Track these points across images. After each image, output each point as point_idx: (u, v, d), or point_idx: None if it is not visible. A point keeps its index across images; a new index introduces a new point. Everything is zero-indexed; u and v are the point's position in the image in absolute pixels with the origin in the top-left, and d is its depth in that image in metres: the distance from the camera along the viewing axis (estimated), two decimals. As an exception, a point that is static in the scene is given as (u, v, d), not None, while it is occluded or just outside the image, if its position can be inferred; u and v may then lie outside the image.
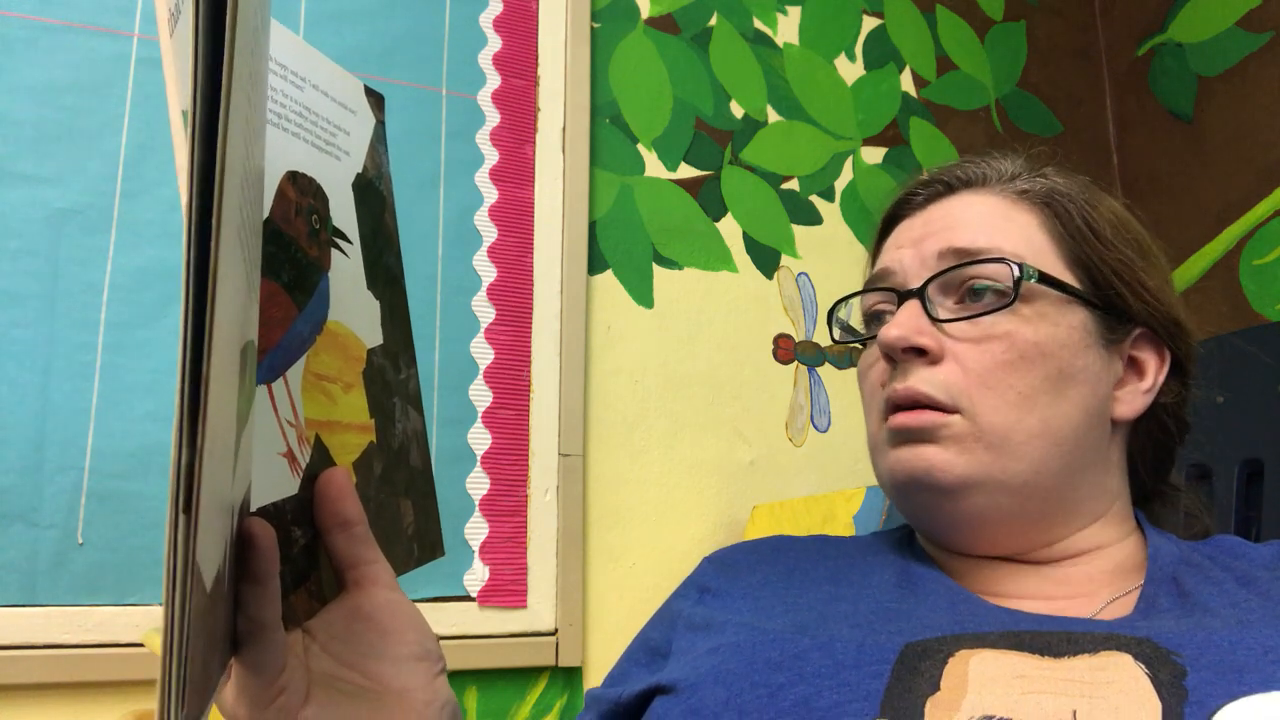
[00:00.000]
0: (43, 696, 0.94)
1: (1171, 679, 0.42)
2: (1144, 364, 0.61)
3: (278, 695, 0.41)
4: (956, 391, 0.56)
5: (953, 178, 0.65)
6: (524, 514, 1.18)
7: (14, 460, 0.96)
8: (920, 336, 0.57)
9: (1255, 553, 0.56)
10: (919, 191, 0.66)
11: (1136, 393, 0.61)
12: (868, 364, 0.63)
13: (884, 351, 0.59)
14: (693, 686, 0.51)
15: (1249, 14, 1.56)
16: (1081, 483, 0.58)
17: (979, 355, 0.56)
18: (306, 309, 0.45)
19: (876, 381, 0.61)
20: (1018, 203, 0.61)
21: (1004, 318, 0.57)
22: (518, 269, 1.24)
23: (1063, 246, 0.60)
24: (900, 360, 0.58)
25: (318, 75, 0.48)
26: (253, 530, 0.38)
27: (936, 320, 0.58)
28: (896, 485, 0.59)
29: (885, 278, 0.63)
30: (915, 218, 0.65)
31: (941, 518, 0.58)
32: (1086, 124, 1.78)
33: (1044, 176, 0.63)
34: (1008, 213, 0.61)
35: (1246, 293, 1.50)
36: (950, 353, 0.57)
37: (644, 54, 1.40)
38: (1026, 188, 0.62)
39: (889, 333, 0.57)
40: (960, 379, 0.56)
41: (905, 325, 0.57)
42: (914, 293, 0.59)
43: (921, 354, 0.57)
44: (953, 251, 0.59)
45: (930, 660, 0.46)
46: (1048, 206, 0.61)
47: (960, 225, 0.60)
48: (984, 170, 0.64)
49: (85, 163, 1.04)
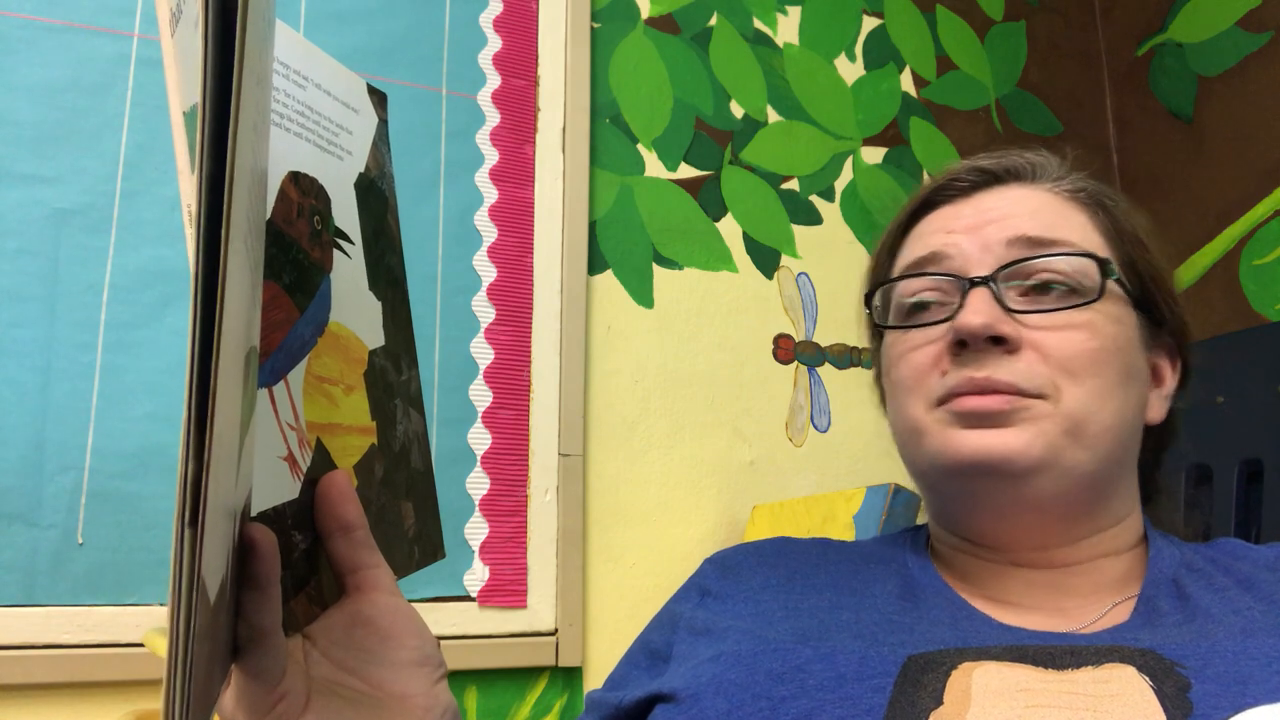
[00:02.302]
0: (43, 696, 0.94)
1: (1176, 691, 0.42)
2: (1163, 370, 0.62)
3: (277, 702, 0.41)
4: (1041, 380, 0.54)
5: (1000, 169, 0.63)
6: (524, 514, 1.18)
7: (14, 460, 0.95)
8: (1003, 324, 0.55)
9: (1257, 554, 0.56)
10: (963, 178, 0.64)
11: (1160, 398, 0.61)
12: (910, 346, 0.60)
13: (960, 338, 0.55)
14: (694, 696, 0.51)
15: (1249, 14, 1.55)
16: (1121, 480, 0.58)
17: (1060, 343, 0.55)
18: (308, 311, 0.44)
19: (929, 365, 0.58)
20: (1070, 201, 0.61)
21: (1082, 311, 0.56)
22: (518, 269, 1.24)
23: (1115, 248, 0.60)
24: (976, 349, 0.55)
25: (320, 74, 0.48)
26: (254, 536, 0.38)
27: (1010, 310, 0.56)
28: (959, 466, 0.55)
29: (936, 261, 0.60)
30: (961, 204, 0.62)
31: (996, 502, 0.56)
32: (1086, 124, 1.77)
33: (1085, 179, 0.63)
34: (1063, 209, 0.60)
35: (1246, 293, 1.49)
36: (1028, 342, 0.55)
37: (644, 54, 1.40)
38: (1076, 187, 0.61)
39: (971, 319, 0.55)
40: (1042, 367, 0.54)
41: (987, 313, 0.55)
42: (985, 280, 0.56)
43: (999, 343, 0.55)
44: (1024, 240, 0.57)
45: (933, 673, 0.46)
46: (1100, 208, 0.61)
47: (1024, 215, 0.59)
48: (1031, 165, 0.63)
49: (85, 163, 1.04)
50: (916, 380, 0.59)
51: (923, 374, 0.58)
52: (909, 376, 0.59)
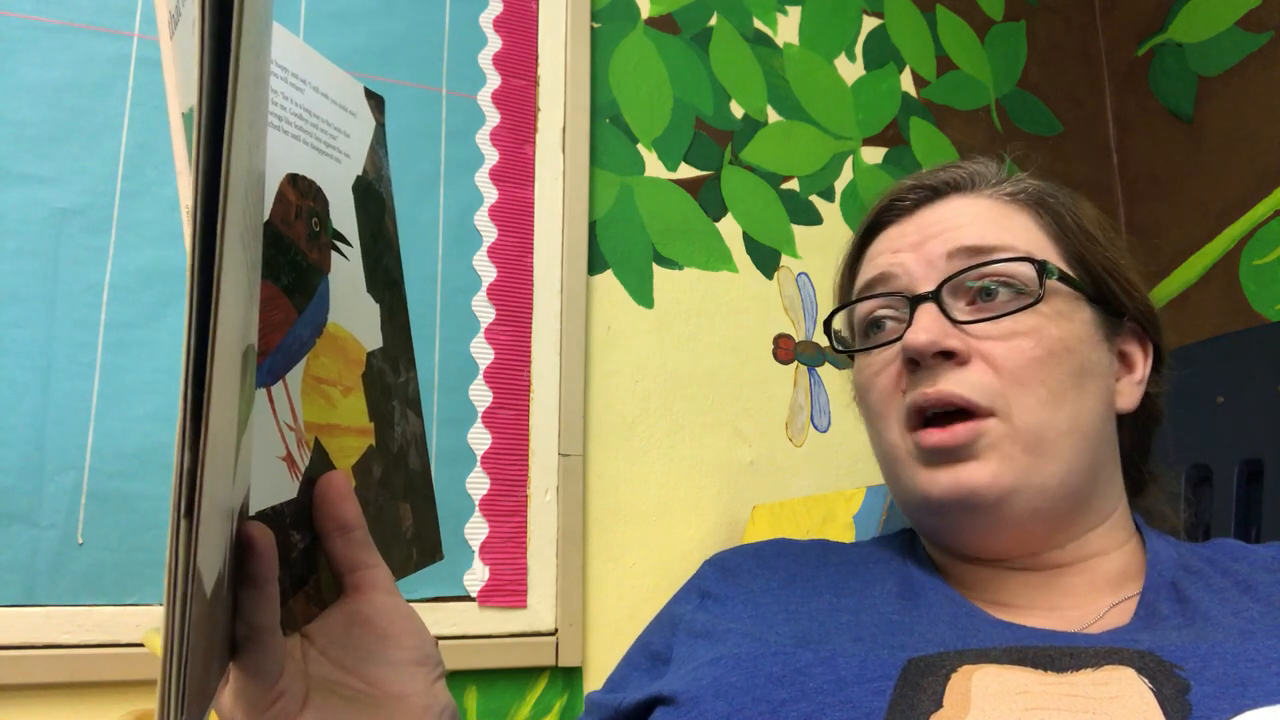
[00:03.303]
0: (43, 696, 0.94)
1: (1175, 693, 0.42)
2: (1132, 357, 0.62)
3: (276, 700, 0.41)
4: (992, 392, 0.55)
5: (939, 182, 0.64)
6: (524, 514, 1.18)
7: (14, 460, 0.96)
8: (949, 339, 0.56)
9: (1255, 555, 0.56)
10: (905, 197, 0.65)
11: (1131, 384, 0.62)
12: (873, 372, 0.62)
13: (909, 356, 0.57)
14: (694, 700, 0.51)
15: (1249, 14, 1.55)
16: (1099, 478, 0.58)
17: (1008, 353, 0.56)
18: (306, 312, 0.45)
19: (893, 388, 0.60)
20: (1011, 204, 0.62)
21: (1027, 316, 0.56)
22: (518, 269, 1.24)
23: (1061, 245, 0.60)
24: (926, 365, 0.57)
25: (318, 77, 0.48)
26: (251, 534, 0.38)
27: (956, 322, 0.57)
28: (932, 505, 0.57)
29: (885, 282, 0.62)
30: (905, 223, 0.64)
31: (976, 529, 0.57)
32: (1086, 124, 1.77)
33: (1025, 179, 0.63)
34: (1005, 213, 0.61)
35: (1246, 293, 1.49)
36: (977, 353, 0.56)
37: (644, 54, 1.40)
38: (1015, 190, 0.62)
39: (917, 337, 0.56)
40: (992, 378, 0.55)
41: (931, 329, 0.56)
42: (929, 295, 0.58)
43: (949, 357, 0.56)
44: (964, 251, 0.58)
45: (933, 676, 0.46)
46: (1041, 207, 0.62)
47: (963, 226, 0.60)
48: (969, 174, 0.64)
49: (85, 163, 1.04)
50: (884, 404, 0.61)
51: (888, 397, 0.60)
52: (877, 402, 0.61)
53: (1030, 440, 0.55)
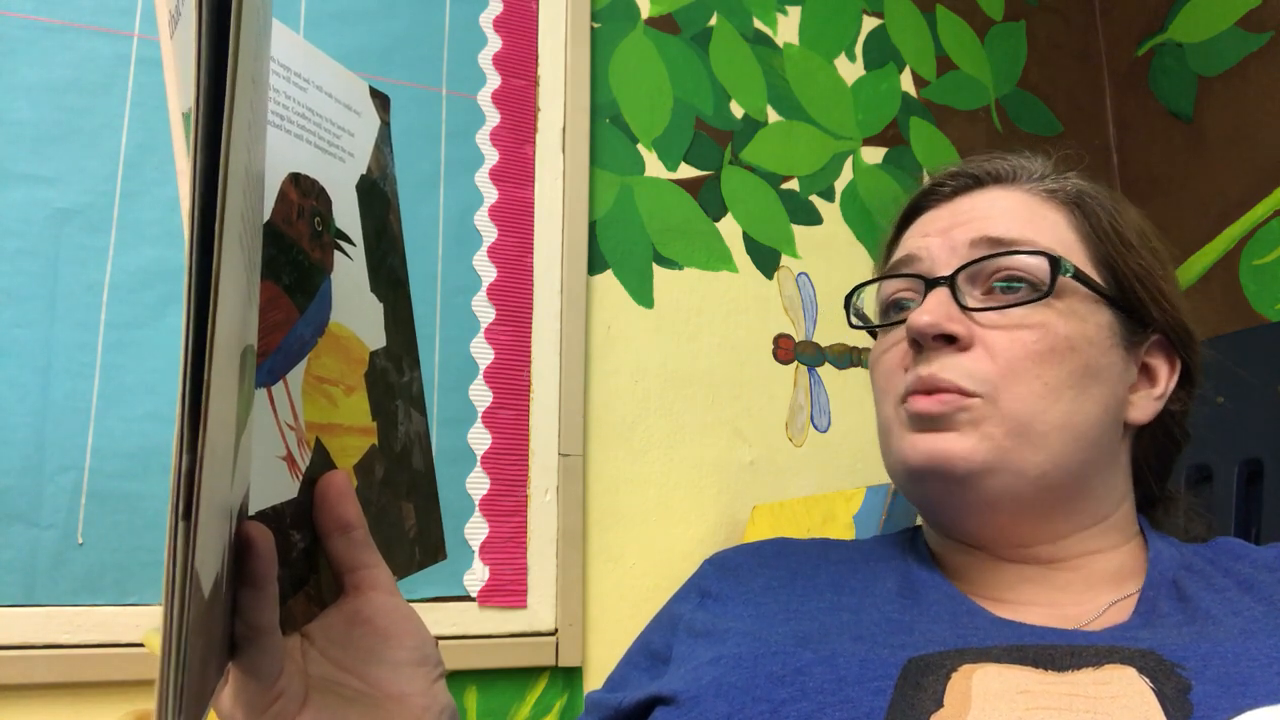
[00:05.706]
0: (43, 696, 0.94)
1: (1176, 693, 0.42)
2: (1156, 371, 0.62)
3: (275, 700, 0.41)
4: (982, 378, 0.56)
5: (981, 172, 0.65)
6: (524, 514, 1.18)
7: (14, 460, 0.95)
8: (951, 323, 0.57)
9: (1256, 555, 0.56)
10: (946, 183, 0.66)
11: (1149, 398, 0.61)
12: (883, 349, 0.63)
13: (911, 336, 0.58)
14: (694, 699, 0.51)
15: (1249, 14, 1.55)
16: (1093, 481, 0.58)
17: (1009, 343, 0.56)
18: (308, 311, 0.44)
19: (896, 365, 0.60)
20: (1047, 200, 0.62)
21: (1037, 310, 0.57)
22: (518, 269, 1.24)
23: (1090, 246, 0.60)
24: (928, 346, 0.57)
25: (321, 76, 0.48)
26: (251, 534, 0.38)
27: (966, 308, 0.58)
28: (910, 470, 0.58)
29: (909, 264, 0.62)
30: (941, 208, 0.64)
31: (953, 503, 0.58)
32: (1086, 124, 1.77)
33: (1070, 179, 0.63)
34: (1038, 209, 0.61)
35: (1246, 293, 1.49)
36: (979, 340, 0.57)
37: (644, 54, 1.40)
38: (1055, 187, 0.62)
39: (919, 318, 0.57)
40: (988, 366, 0.56)
41: (935, 311, 0.57)
42: (944, 280, 0.58)
43: (950, 341, 0.57)
44: (986, 240, 0.59)
45: (934, 675, 0.46)
46: (1077, 207, 0.61)
47: (992, 216, 0.60)
48: (1012, 167, 0.64)
49: (85, 163, 1.04)
50: (887, 380, 0.62)
51: (891, 373, 0.61)
52: (881, 377, 0.62)
53: (1015, 426, 0.55)
